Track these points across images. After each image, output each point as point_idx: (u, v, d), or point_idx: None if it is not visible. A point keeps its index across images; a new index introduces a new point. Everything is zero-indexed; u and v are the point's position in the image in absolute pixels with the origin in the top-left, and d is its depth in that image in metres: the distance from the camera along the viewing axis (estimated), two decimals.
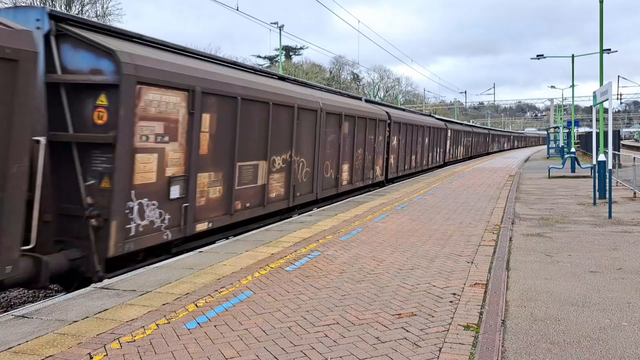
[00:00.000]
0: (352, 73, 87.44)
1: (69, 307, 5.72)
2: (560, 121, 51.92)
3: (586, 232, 10.09)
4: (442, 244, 8.94)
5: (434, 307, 5.62)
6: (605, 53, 22.15)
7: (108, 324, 5.17)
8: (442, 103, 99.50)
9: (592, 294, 6.13)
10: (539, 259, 7.90)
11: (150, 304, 5.81)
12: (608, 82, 12.59)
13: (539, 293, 6.19)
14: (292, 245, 8.91)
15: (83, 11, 40.62)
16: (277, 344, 4.67)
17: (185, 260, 7.97)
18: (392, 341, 4.68)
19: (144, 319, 5.31)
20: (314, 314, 5.45)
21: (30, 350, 4.55)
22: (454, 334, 4.84)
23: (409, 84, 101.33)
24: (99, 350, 4.54)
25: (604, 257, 8.02)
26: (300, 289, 6.35)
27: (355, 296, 6.03)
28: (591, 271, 7.18)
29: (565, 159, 27.81)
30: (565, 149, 39.62)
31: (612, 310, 5.55)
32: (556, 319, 5.31)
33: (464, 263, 7.55)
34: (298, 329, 5.02)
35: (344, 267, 7.36)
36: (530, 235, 9.87)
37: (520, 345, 4.63)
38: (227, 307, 5.67)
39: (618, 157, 24.21)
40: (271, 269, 7.34)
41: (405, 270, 7.19)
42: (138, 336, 4.86)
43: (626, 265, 7.45)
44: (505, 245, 8.84)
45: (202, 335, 4.89)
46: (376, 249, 8.52)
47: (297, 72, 63.98)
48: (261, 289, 6.36)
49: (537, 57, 37.53)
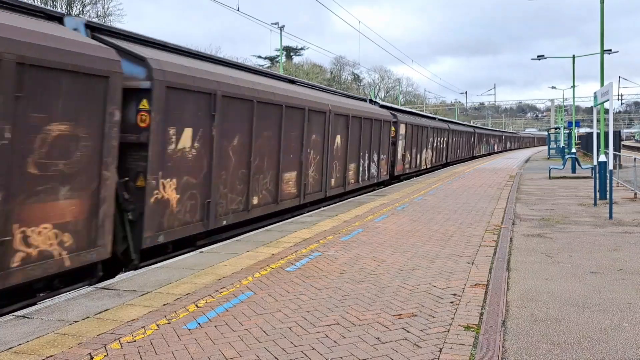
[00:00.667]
0: (352, 73, 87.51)
1: (69, 308, 5.72)
2: (561, 122, 51.90)
3: (587, 233, 10.09)
4: (443, 244, 8.94)
5: (434, 307, 5.61)
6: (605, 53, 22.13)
7: (109, 324, 5.17)
8: (443, 103, 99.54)
9: (593, 295, 6.13)
10: (539, 260, 7.90)
11: (150, 304, 5.81)
12: (609, 83, 12.57)
13: (540, 294, 6.18)
14: (293, 246, 8.91)
15: (84, 11, 40.65)
16: (277, 344, 4.67)
17: (185, 261, 7.98)
18: (393, 342, 4.68)
19: (144, 319, 5.31)
20: (314, 314, 5.45)
21: (31, 350, 4.55)
22: (455, 334, 4.84)
23: (409, 85, 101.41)
24: (99, 350, 4.54)
25: (605, 257, 8.02)
26: (300, 289, 6.35)
27: (355, 297, 6.03)
28: (592, 272, 7.18)
29: (566, 160, 27.81)
30: (565, 149, 39.61)
31: (613, 311, 5.54)
32: (557, 319, 5.31)
33: (464, 264, 7.55)
34: (298, 330, 5.02)
35: (344, 268, 7.36)
36: (530, 235, 9.86)
37: (521, 346, 4.63)
38: (227, 308, 5.67)
39: (619, 158, 24.19)
40: (272, 269, 7.34)
41: (405, 270, 7.19)
42: (139, 336, 4.86)
43: (627, 266, 7.45)
44: (505, 245, 8.84)
45: (202, 335, 4.89)
46: (377, 250, 8.52)
47: (298, 72, 64.01)
48: (262, 289, 6.37)
49: (538, 58, 37.59)
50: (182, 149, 8.66)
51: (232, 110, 9.99)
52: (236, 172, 10.31)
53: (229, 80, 9.92)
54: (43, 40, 6.10)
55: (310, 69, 72.46)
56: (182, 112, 8.61)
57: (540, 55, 37.39)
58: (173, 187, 8.49)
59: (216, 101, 9.35)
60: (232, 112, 9.98)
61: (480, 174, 26.11)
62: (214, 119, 9.33)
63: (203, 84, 9.02)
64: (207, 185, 9.32)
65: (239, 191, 10.43)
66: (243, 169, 10.54)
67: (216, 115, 9.36)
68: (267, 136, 11.45)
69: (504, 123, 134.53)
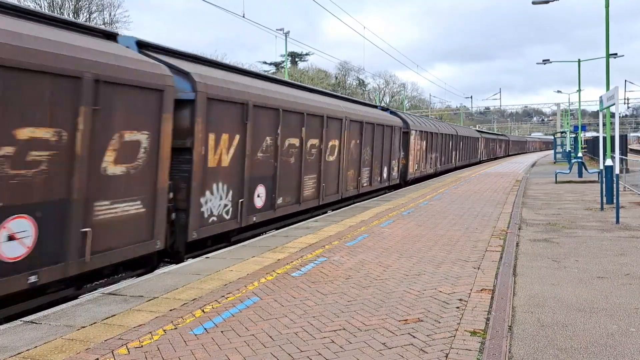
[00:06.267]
0: (357, 79, 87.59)
1: (77, 313, 5.75)
2: (567, 126, 51.74)
3: (593, 238, 10.05)
4: (449, 249, 8.93)
5: (440, 312, 5.61)
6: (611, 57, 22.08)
7: (116, 330, 5.20)
8: (448, 108, 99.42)
9: (600, 300, 6.10)
10: (546, 265, 7.87)
11: (157, 309, 5.84)
12: (614, 87, 12.50)
13: (546, 299, 6.17)
14: (298, 251, 8.92)
15: (91, 18, 40.97)
16: (283, 349, 4.68)
17: (192, 266, 8.01)
18: (399, 347, 4.68)
19: (151, 325, 5.33)
20: (320, 319, 5.46)
21: (39, 355, 4.58)
22: (461, 339, 4.83)
23: (414, 89, 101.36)
24: (106, 355, 4.56)
25: (612, 262, 7.99)
26: (306, 294, 6.36)
27: (361, 302, 6.03)
28: (599, 277, 7.15)
29: (572, 164, 27.70)
30: (572, 153, 39.47)
31: (620, 316, 5.52)
32: (563, 324, 5.29)
33: (470, 269, 7.53)
34: (304, 335, 5.03)
35: (350, 273, 7.36)
36: (537, 240, 9.83)
37: (528, 351, 4.62)
38: (233, 313, 5.69)
39: (625, 162, 24.09)
40: (277, 274, 7.36)
41: (411, 275, 7.19)
42: (145, 342, 4.88)
43: (634, 271, 7.41)
44: (511, 250, 8.81)
45: (209, 340, 4.91)
46: (382, 255, 8.52)
47: (303, 78, 64.14)
48: (267, 294, 6.38)
49: (543, 62, 37.74)
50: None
51: (261, 117, 10.95)
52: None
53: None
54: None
55: (315, 74, 72.59)
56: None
57: (545, 60, 37.62)
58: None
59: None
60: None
61: (486, 179, 26.05)
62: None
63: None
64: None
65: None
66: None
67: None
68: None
69: (510, 127, 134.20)
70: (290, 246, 9.38)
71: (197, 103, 8.77)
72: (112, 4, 44.06)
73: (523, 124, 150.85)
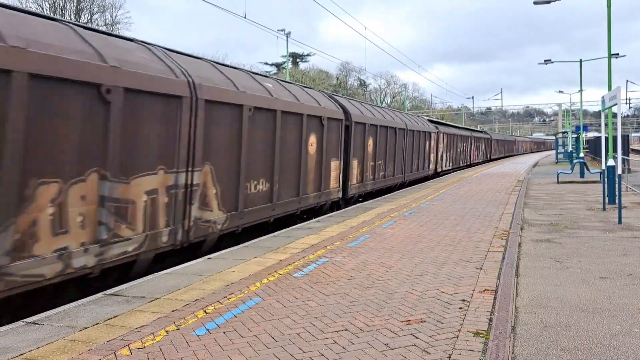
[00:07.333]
0: (358, 79, 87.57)
1: (79, 314, 5.75)
2: (569, 126, 51.65)
3: (596, 238, 10.03)
4: (451, 250, 8.92)
5: (443, 313, 5.60)
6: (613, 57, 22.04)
7: (118, 331, 5.19)
8: (450, 108, 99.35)
9: (603, 300, 6.09)
10: (548, 265, 7.86)
11: (159, 310, 5.84)
12: (616, 87, 12.46)
13: (549, 299, 6.15)
14: (300, 252, 8.92)
15: (92, 19, 40.98)
16: (286, 350, 4.67)
17: (193, 267, 8.00)
18: (402, 347, 4.67)
19: (153, 326, 5.33)
20: (322, 320, 5.45)
21: (41, 356, 4.57)
22: (464, 340, 4.82)
23: (415, 90, 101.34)
24: (109, 356, 4.56)
25: (614, 262, 7.97)
26: (308, 295, 6.35)
27: (363, 302, 6.02)
28: (601, 277, 7.13)
29: (574, 164, 27.66)
30: (573, 154, 39.41)
31: (623, 317, 5.50)
32: (566, 325, 5.28)
33: (472, 269, 7.52)
34: (307, 336, 5.02)
35: (352, 274, 7.35)
36: (539, 241, 9.82)
37: (531, 352, 4.60)
38: (236, 314, 5.68)
39: (627, 162, 24.04)
40: (279, 275, 7.35)
41: (413, 276, 7.18)
42: (148, 342, 4.88)
43: (637, 271, 7.40)
44: (514, 251, 8.80)
45: (211, 341, 4.90)
46: (384, 255, 8.51)
47: (304, 78, 64.13)
48: (270, 295, 6.37)
49: (545, 62, 37.74)
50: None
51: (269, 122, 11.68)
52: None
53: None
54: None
55: (316, 75, 72.59)
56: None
57: (547, 60, 37.62)
58: None
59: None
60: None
61: (488, 179, 26.02)
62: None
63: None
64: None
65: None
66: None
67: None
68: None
69: (511, 128, 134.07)
70: (292, 247, 9.38)
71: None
72: (114, 5, 44.13)
73: (525, 124, 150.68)
